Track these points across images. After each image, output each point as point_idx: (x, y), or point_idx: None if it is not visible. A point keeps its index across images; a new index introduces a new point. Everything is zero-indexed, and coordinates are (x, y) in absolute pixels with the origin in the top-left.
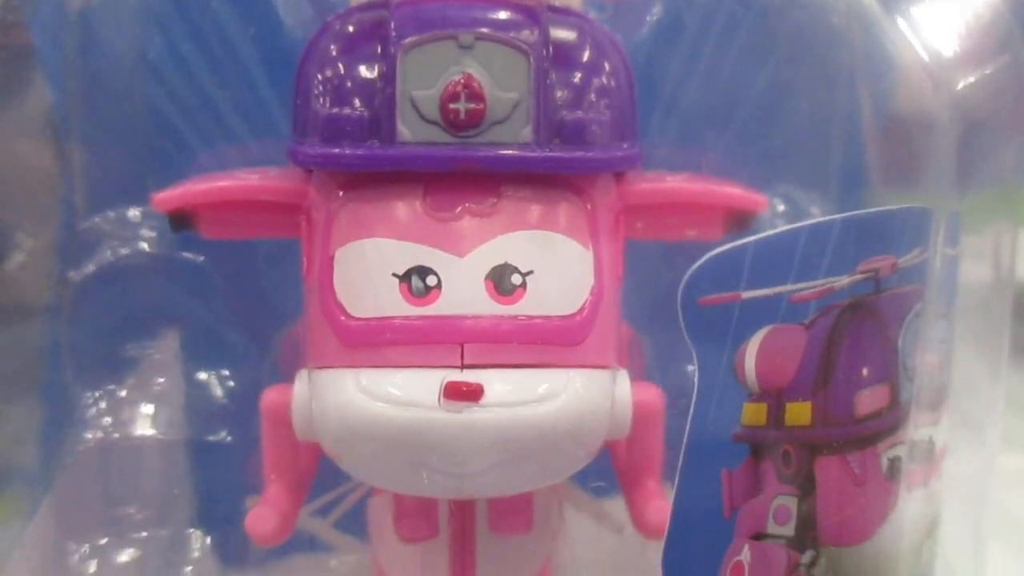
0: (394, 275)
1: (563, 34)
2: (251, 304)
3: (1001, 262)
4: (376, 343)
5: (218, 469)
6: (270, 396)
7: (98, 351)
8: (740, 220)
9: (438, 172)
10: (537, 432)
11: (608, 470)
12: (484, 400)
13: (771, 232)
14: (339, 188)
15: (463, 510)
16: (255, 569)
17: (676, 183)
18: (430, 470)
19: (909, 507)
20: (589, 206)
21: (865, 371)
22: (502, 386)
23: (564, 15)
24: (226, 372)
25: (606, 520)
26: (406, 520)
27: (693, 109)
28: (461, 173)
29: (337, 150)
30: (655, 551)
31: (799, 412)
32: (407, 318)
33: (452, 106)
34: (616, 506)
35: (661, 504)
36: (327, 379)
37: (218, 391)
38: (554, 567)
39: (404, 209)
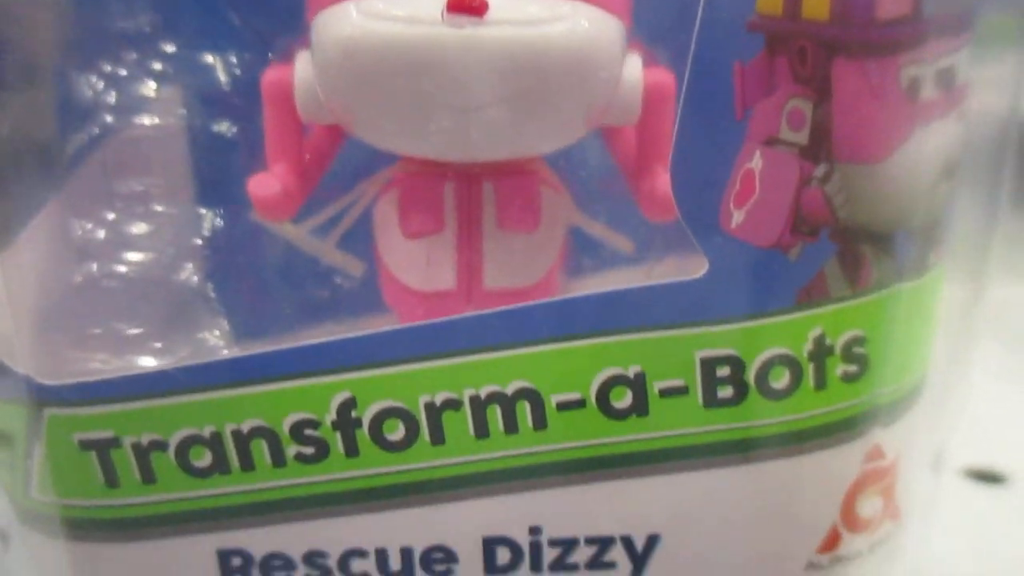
0: None
1: None
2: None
3: (1018, 94)
4: None
5: (222, 163)
6: (271, 74)
7: (93, 31)
8: None
9: None
10: (543, 54)
11: None
12: (488, 16)
13: None
14: None
15: (470, 201)
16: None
17: None
18: (435, 105)
19: (928, 140)
20: None
21: None
22: (508, 5)
23: None
24: (233, 60)
25: (615, 239)
26: (411, 215)
27: None
28: None
29: None
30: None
31: (816, 5)
32: None
33: None
34: None
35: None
36: (327, 16)
37: (223, 77)
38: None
39: None
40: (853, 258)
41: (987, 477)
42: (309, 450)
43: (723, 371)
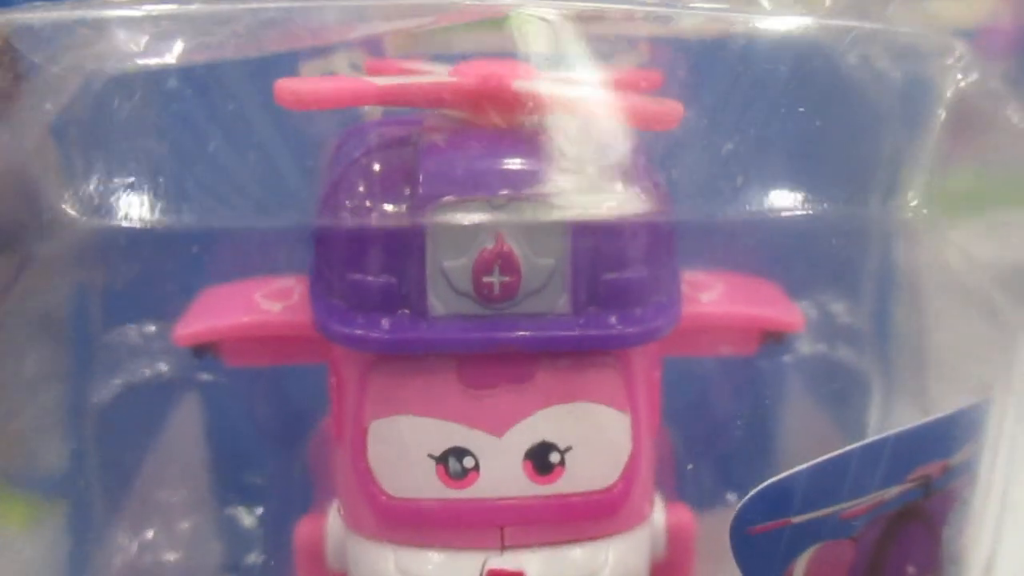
0: (430, 456)
1: None
2: (276, 415)
3: None
4: (414, 524)
5: None
6: (304, 529)
7: (121, 488)
8: (776, 338)
9: None
10: None
11: None
12: None
13: (825, 458)
14: None
15: None
16: None
17: (711, 306)
18: None
19: None
20: (628, 366)
21: (911, 569)
22: (542, 569)
23: None
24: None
25: None
26: None
27: None
28: None
29: (366, 332)
30: None
31: None
32: (445, 501)
33: (486, 280)
34: None
35: None
36: (365, 552)
37: (247, 521)
38: None
39: (438, 384)
40: None
41: None
42: None
43: None
